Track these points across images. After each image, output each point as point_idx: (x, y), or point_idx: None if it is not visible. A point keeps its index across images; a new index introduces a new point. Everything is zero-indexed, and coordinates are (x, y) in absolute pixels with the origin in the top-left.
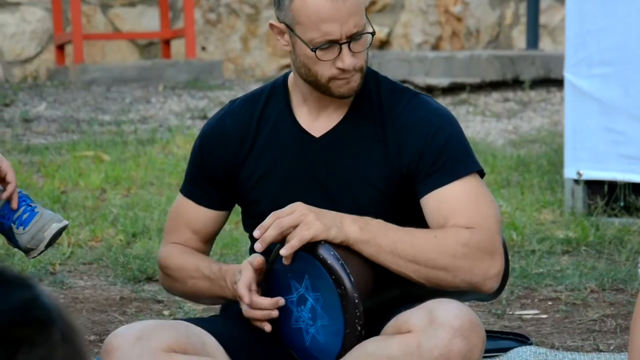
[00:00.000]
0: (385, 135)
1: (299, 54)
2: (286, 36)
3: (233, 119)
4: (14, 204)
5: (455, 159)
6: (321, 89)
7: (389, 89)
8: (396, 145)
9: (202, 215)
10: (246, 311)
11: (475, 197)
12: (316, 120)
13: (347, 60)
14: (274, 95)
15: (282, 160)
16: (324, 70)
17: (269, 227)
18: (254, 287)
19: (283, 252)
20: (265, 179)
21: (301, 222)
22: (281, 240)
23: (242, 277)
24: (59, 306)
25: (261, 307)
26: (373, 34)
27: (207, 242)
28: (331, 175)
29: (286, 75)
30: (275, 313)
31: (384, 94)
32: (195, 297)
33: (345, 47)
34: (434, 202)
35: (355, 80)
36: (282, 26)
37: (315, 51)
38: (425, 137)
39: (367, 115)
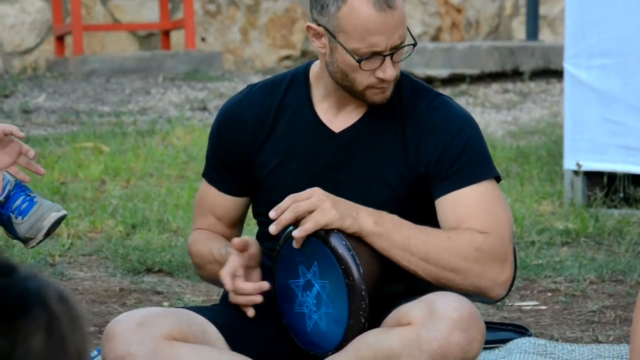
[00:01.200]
0: (405, 135)
1: (338, 60)
2: (323, 40)
3: (251, 104)
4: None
5: (473, 162)
6: (355, 95)
7: (410, 88)
8: (415, 145)
9: (224, 202)
10: (231, 297)
11: (490, 202)
12: (336, 116)
13: (389, 71)
14: (295, 84)
15: (299, 152)
16: (363, 79)
17: (286, 211)
18: (240, 272)
19: (296, 233)
20: (280, 168)
21: (317, 207)
22: (294, 224)
23: (227, 263)
24: (47, 294)
25: (243, 293)
26: (415, 45)
27: (232, 227)
28: (347, 172)
29: (308, 66)
30: (258, 299)
31: (406, 93)
32: (216, 281)
33: (388, 59)
34: (449, 204)
35: (390, 89)
36: (321, 30)
37: (360, 62)
38: (445, 139)
39: (388, 114)
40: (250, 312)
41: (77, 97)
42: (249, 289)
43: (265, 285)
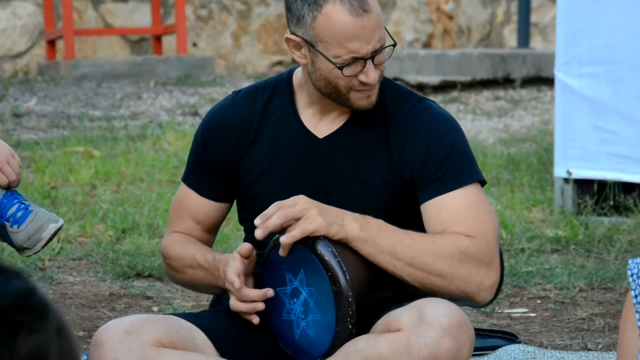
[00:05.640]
0: (389, 140)
1: (320, 68)
2: (303, 50)
3: (236, 110)
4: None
5: (457, 167)
6: (340, 101)
7: (393, 93)
8: (399, 150)
9: (204, 206)
10: (233, 304)
11: (475, 206)
12: (320, 122)
13: (372, 75)
14: (278, 91)
15: (284, 158)
16: (346, 83)
17: (273, 216)
18: (241, 277)
19: (283, 239)
20: (266, 175)
21: (304, 215)
22: (280, 231)
23: (231, 266)
24: (53, 302)
25: (248, 299)
26: (395, 45)
27: (210, 232)
28: (332, 177)
29: (290, 72)
30: (261, 306)
31: (389, 97)
32: (195, 286)
33: (369, 62)
34: (434, 209)
35: (375, 93)
36: (300, 41)
37: (341, 68)
38: (429, 143)
39: (372, 119)
40: (256, 320)
41: (68, 101)
42: (254, 296)
43: (270, 292)
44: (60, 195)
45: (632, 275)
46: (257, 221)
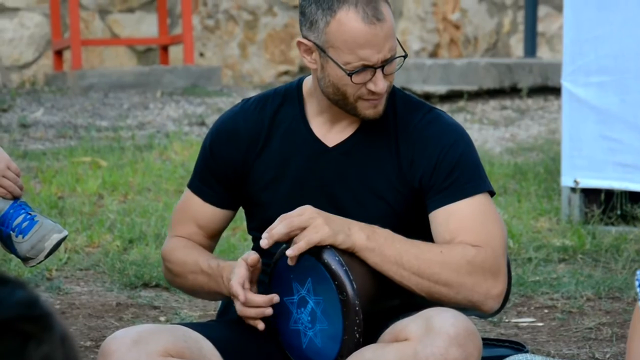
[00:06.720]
0: (399, 149)
1: (330, 74)
2: (314, 55)
3: (245, 118)
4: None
5: (466, 176)
6: (347, 109)
7: (404, 102)
8: (409, 159)
9: (208, 213)
10: (240, 310)
11: (484, 216)
12: (330, 131)
13: (381, 84)
14: (288, 99)
15: (294, 166)
16: (354, 90)
17: (278, 226)
18: (247, 285)
19: (289, 252)
20: (275, 183)
21: (309, 225)
22: (287, 242)
23: (235, 274)
24: (56, 311)
25: (255, 305)
26: (405, 56)
27: (212, 238)
28: (341, 186)
29: (300, 81)
30: (269, 311)
31: (399, 107)
32: (195, 292)
33: (379, 71)
34: (442, 218)
35: (382, 102)
36: (311, 45)
37: (351, 76)
38: (439, 152)
39: (381, 128)
40: (261, 326)
41: (75, 111)
42: (260, 301)
43: (276, 298)
44: (68, 205)
45: (639, 285)
46: (264, 235)
